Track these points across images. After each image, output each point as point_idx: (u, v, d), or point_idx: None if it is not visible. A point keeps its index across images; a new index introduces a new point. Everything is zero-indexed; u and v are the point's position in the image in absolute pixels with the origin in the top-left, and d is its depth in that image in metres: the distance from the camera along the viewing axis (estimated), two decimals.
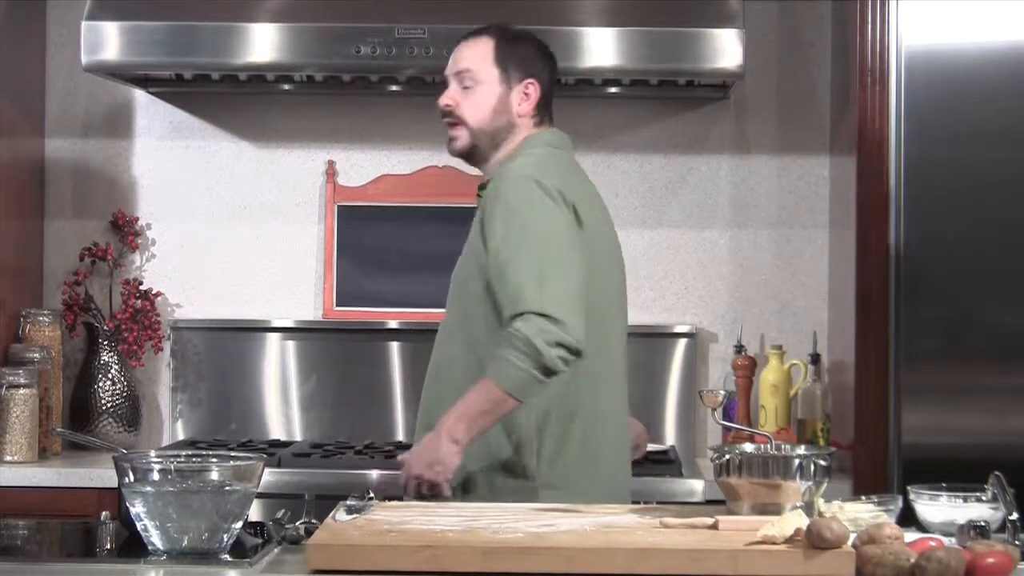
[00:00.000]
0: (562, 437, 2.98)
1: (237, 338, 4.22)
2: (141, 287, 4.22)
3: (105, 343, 4.14)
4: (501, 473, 2.97)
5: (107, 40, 3.82)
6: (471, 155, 3.14)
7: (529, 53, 3.13)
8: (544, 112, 3.14)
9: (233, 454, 2.55)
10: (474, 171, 4.23)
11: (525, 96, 3.09)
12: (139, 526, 2.36)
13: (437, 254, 4.20)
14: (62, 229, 4.29)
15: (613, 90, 4.11)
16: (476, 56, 3.09)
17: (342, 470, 3.67)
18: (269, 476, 3.34)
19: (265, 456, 2.67)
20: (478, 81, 3.07)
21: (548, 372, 2.84)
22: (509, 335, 2.85)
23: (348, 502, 2.60)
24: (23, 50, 4.18)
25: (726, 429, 3.84)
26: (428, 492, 2.89)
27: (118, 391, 4.12)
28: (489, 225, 2.96)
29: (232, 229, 4.30)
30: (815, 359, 4.09)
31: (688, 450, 4.11)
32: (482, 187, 3.11)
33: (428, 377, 3.11)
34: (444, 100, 3.10)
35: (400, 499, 2.89)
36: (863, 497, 2.58)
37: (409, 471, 2.92)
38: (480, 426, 2.87)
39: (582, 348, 2.86)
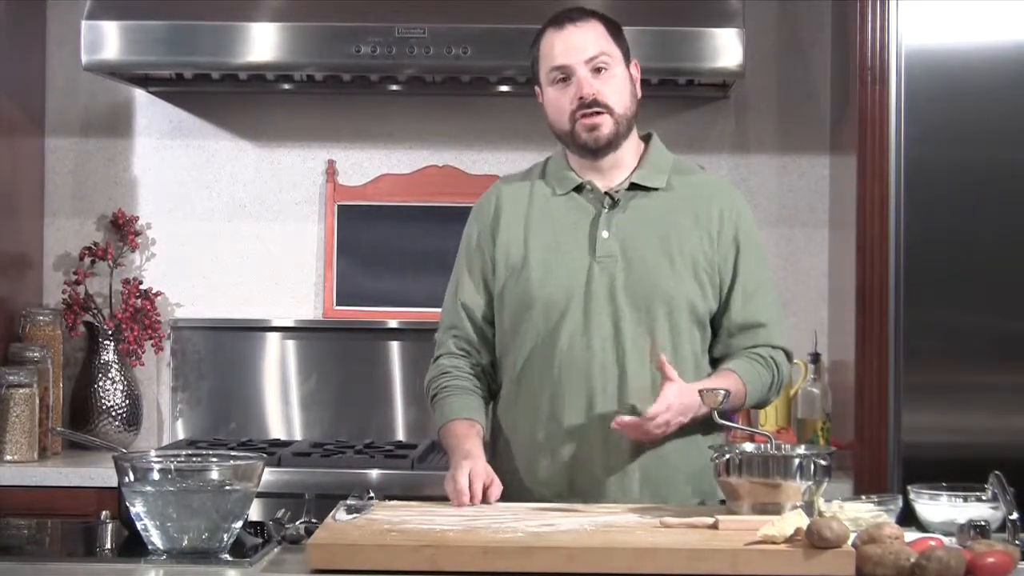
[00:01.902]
0: None
1: (237, 337, 4.22)
2: (141, 286, 4.22)
3: (105, 342, 4.14)
4: None
5: (107, 39, 3.82)
6: (610, 144, 2.92)
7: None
8: None
9: (233, 454, 2.55)
10: (477, 170, 4.26)
11: (636, 77, 2.97)
12: (139, 526, 2.36)
13: (437, 253, 4.20)
14: (62, 228, 4.29)
15: None
16: (600, 38, 2.90)
17: (342, 469, 3.67)
18: (269, 476, 3.33)
19: (265, 456, 2.67)
20: (612, 64, 2.90)
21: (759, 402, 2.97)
22: (775, 362, 2.93)
23: (348, 502, 2.60)
24: (23, 49, 4.18)
25: (726, 429, 3.83)
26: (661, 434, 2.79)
27: (118, 390, 4.12)
28: (736, 243, 2.91)
29: (232, 228, 4.30)
30: (815, 358, 4.09)
31: None
32: (634, 188, 2.93)
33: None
34: (588, 89, 2.86)
35: (401, 499, 2.88)
36: (863, 497, 2.58)
37: (666, 417, 2.75)
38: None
39: None
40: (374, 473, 3.65)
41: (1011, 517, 2.45)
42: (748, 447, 2.65)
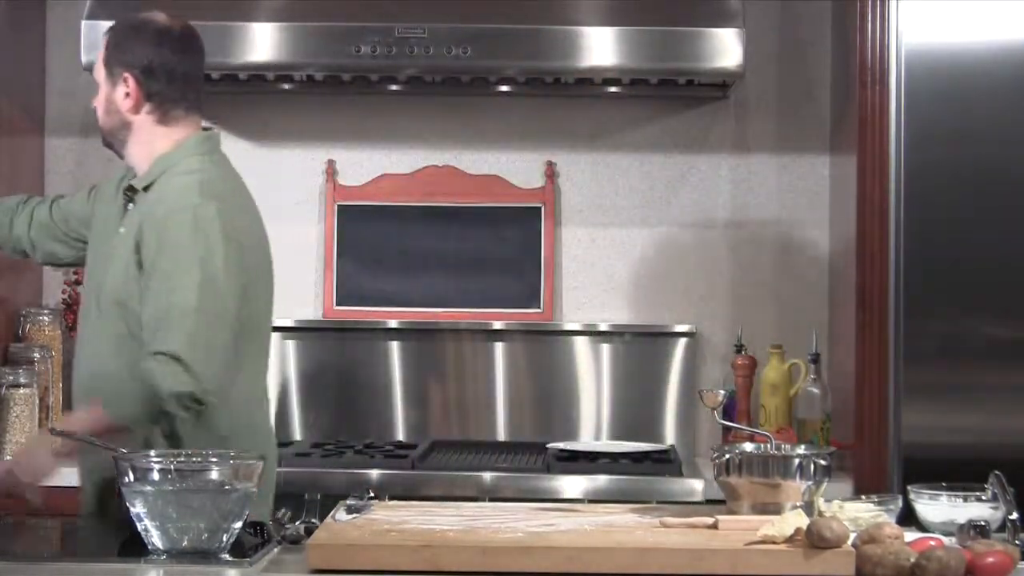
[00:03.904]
0: None
1: None
2: None
3: None
4: None
5: None
6: (111, 148, 3.06)
7: (135, 44, 2.96)
8: (169, 104, 2.97)
9: (233, 453, 2.55)
10: (477, 170, 4.27)
11: (125, 94, 2.96)
12: (139, 526, 2.36)
13: (437, 253, 4.21)
14: None
15: (613, 89, 4.11)
16: (97, 57, 3.03)
17: (342, 469, 3.67)
18: None
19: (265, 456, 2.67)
20: (98, 82, 3.02)
21: (165, 415, 2.78)
22: (140, 371, 2.77)
23: (348, 501, 2.60)
24: (23, 49, 4.18)
25: (726, 429, 3.84)
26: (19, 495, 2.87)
27: None
28: (146, 247, 2.85)
29: None
30: (815, 359, 4.09)
31: (688, 450, 4.11)
32: (130, 190, 2.98)
33: (84, 390, 2.98)
34: (94, 100, 3.05)
35: (401, 499, 2.88)
36: (863, 497, 2.58)
37: (14, 475, 2.87)
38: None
39: (210, 400, 2.78)
40: (374, 473, 3.65)
41: (1011, 517, 2.45)
42: (748, 447, 2.65)
